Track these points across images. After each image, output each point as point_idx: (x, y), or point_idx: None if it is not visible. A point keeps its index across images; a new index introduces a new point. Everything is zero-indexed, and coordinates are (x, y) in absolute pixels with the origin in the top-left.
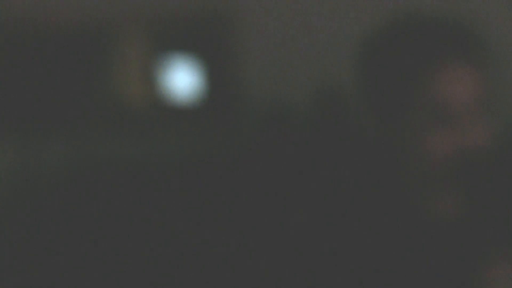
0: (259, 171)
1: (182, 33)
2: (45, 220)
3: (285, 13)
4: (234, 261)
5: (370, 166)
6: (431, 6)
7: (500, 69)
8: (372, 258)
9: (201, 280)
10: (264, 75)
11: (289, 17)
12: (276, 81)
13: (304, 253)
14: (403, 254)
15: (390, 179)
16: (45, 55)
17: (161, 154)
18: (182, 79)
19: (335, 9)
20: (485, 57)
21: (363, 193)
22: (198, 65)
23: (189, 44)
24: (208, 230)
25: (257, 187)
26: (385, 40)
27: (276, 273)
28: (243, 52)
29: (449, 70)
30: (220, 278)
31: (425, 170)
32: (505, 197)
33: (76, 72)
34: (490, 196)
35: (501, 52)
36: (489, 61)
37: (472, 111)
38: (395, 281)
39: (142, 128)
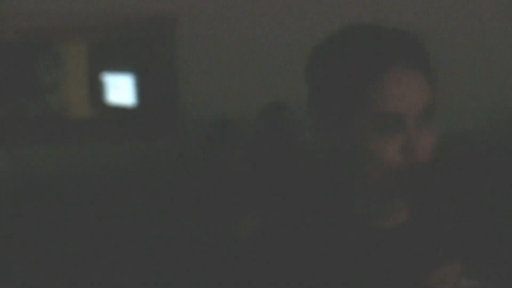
0: (200, 185)
1: (121, 47)
2: None
3: (230, 27)
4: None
5: (316, 177)
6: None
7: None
8: (317, 270)
9: None
10: (207, 89)
11: (233, 31)
12: (220, 96)
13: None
14: (349, 264)
15: (336, 190)
16: None
17: (99, 166)
18: (122, 94)
19: (280, 22)
20: (430, 64)
21: (309, 204)
22: (138, 80)
23: (130, 59)
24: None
25: (198, 200)
26: (330, 50)
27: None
28: (185, 67)
29: (395, 78)
30: None
31: (374, 180)
32: (449, 207)
33: (13, 84)
34: (436, 205)
35: (445, 58)
36: (434, 68)
37: (420, 119)
38: None
39: (80, 139)
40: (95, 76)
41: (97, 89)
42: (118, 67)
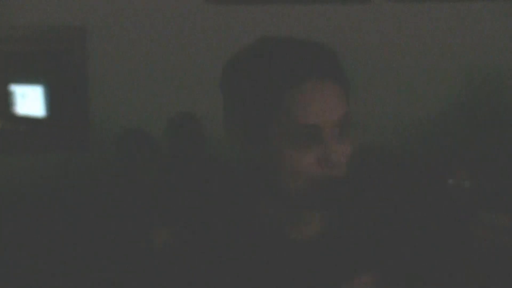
0: (112, 196)
1: (32, 58)
2: None
3: (140, 38)
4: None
5: (228, 187)
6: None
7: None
8: (230, 281)
9: None
10: (118, 100)
11: (144, 41)
12: (131, 106)
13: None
14: (261, 276)
15: (249, 201)
16: None
17: (6, 177)
18: (32, 105)
19: (175, 31)
20: (344, 76)
21: (221, 215)
22: (48, 91)
23: (40, 70)
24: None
25: (111, 211)
26: (247, 62)
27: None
28: (96, 77)
29: (311, 90)
30: None
31: (289, 191)
32: (363, 219)
33: None
34: (349, 217)
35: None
36: (348, 81)
37: (336, 131)
38: None
39: None
40: (4, 87)
41: (6, 100)
42: (28, 78)
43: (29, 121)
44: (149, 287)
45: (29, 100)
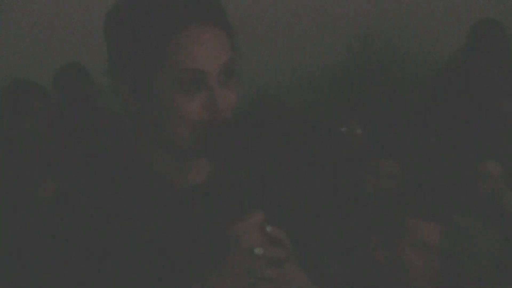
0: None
1: None
2: None
3: None
4: None
5: (115, 138)
6: None
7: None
8: (119, 232)
9: None
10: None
11: None
12: (18, 59)
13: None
14: (153, 223)
15: (137, 149)
16: None
17: None
18: None
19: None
20: (229, 22)
21: (108, 166)
22: None
23: None
24: None
25: None
26: (129, 9)
27: None
28: None
29: (195, 35)
30: None
31: (177, 138)
32: (250, 161)
33: None
34: (237, 160)
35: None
36: (233, 26)
37: (221, 76)
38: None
39: None
40: None
41: None
42: None
43: None
44: (37, 238)
45: None
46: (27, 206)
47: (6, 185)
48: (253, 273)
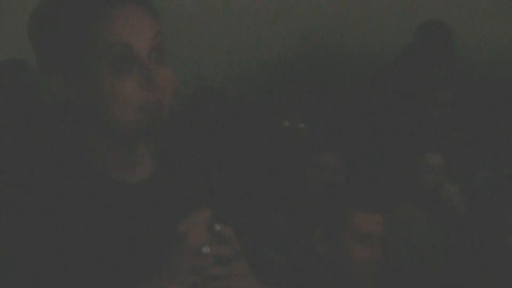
0: None
1: None
2: None
3: None
4: None
5: (52, 132)
6: None
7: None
8: (59, 229)
9: None
10: None
11: None
12: None
13: None
14: (93, 222)
15: (74, 144)
16: None
17: None
18: None
19: None
20: (153, 5)
21: (49, 162)
22: None
23: None
24: None
25: None
26: (48, 3)
27: None
28: None
29: (121, 13)
30: None
31: (116, 125)
32: (195, 154)
33: None
34: (181, 153)
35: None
36: (157, 10)
37: (153, 53)
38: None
39: None
40: None
41: None
42: None
43: None
44: None
45: None
46: None
47: None
48: (201, 272)
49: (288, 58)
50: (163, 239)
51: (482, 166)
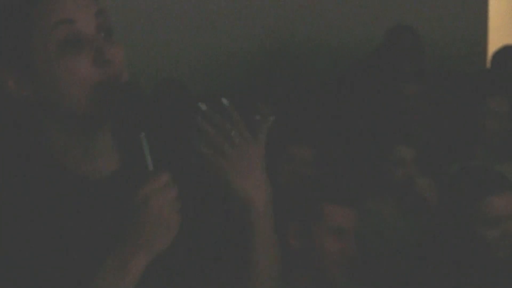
0: None
1: None
2: None
3: None
4: None
5: (10, 126)
6: None
7: None
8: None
9: None
10: None
11: None
12: None
13: None
14: (62, 219)
15: (34, 138)
16: None
17: None
18: None
19: None
20: None
21: (12, 157)
22: None
23: None
24: None
25: None
26: None
27: None
28: None
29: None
30: None
31: (76, 106)
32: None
33: None
34: (137, 121)
35: None
36: None
37: (100, 28)
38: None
39: None
40: None
41: None
42: None
43: None
44: None
45: None
46: None
47: None
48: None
49: (256, 51)
50: (125, 212)
51: (453, 159)
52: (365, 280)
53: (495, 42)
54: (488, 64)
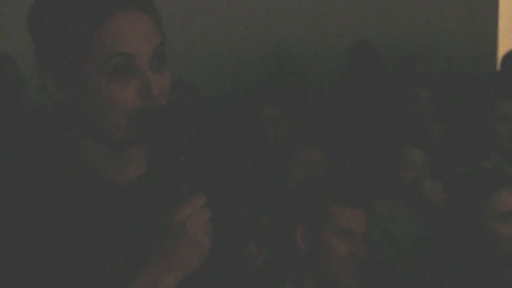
0: None
1: None
2: None
3: None
4: None
5: (39, 133)
6: None
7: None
8: (54, 233)
9: None
10: None
11: None
12: None
13: None
14: (87, 224)
15: (65, 145)
16: None
17: None
18: None
19: None
20: (155, 8)
21: (33, 165)
22: None
23: None
24: None
25: None
26: (52, 1)
27: None
28: None
29: (122, 20)
30: None
31: (111, 129)
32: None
33: None
34: (170, 152)
35: None
36: (159, 12)
37: (153, 61)
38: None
39: None
40: None
41: None
42: None
43: None
44: None
45: None
46: None
47: None
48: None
49: (267, 56)
50: (159, 231)
51: (464, 162)
52: (373, 282)
53: (505, 45)
54: (498, 67)
